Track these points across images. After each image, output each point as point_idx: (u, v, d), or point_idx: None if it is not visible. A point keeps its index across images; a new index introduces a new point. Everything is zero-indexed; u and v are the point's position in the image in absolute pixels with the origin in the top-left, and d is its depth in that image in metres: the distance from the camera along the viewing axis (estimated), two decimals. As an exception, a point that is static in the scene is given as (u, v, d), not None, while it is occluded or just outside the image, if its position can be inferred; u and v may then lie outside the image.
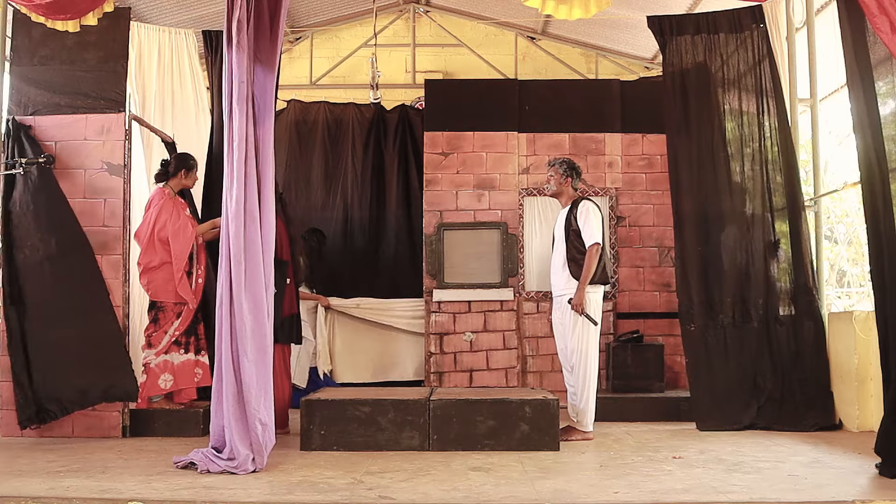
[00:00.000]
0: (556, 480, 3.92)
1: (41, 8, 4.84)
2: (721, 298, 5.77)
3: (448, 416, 4.78)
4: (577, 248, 5.24)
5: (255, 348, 4.20)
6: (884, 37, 3.83)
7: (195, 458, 4.15)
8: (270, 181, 4.39)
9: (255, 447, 4.12)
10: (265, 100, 4.42)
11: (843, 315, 5.72)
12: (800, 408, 5.59)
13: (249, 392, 4.16)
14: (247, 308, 4.19)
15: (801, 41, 6.15)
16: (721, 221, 5.90)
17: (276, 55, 4.49)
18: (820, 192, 6.07)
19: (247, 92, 4.32)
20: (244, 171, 4.26)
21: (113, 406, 5.26)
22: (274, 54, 4.48)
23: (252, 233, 4.25)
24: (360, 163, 7.70)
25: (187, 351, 5.51)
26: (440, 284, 6.93)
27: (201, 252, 5.67)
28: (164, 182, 5.69)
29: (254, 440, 4.12)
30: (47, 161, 5.21)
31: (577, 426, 5.18)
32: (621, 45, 8.71)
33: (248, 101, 4.32)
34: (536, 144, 7.14)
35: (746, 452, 4.65)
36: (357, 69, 8.76)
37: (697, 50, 6.10)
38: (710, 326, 5.76)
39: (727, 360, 5.71)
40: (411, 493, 3.63)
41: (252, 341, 4.19)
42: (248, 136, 4.29)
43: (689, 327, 5.80)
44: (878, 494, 3.51)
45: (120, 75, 5.49)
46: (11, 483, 3.80)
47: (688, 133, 6.02)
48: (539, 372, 6.92)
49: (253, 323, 4.21)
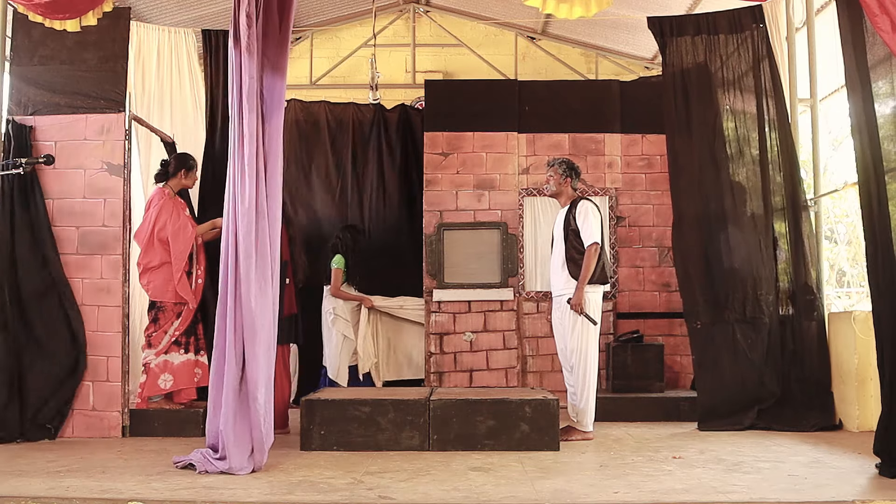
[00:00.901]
0: (556, 480, 3.92)
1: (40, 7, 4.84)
2: (726, 296, 5.77)
3: (448, 416, 4.78)
4: (576, 248, 5.24)
5: (263, 345, 4.20)
6: (885, 36, 3.83)
7: (194, 458, 4.14)
8: (278, 179, 4.39)
9: (255, 445, 4.12)
10: (273, 97, 4.41)
11: (843, 315, 5.72)
12: (800, 408, 5.59)
13: (257, 389, 4.15)
14: (256, 305, 4.19)
15: (801, 41, 6.15)
16: (721, 222, 5.90)
17: (284, 53, 4.48)
18: (820, 192, 6.07)
19: (257, 88, 4.32)
20: (255, 168, 4.26)
21: (113, 406, 5.26)
22: (283, 52, 4.47)
23: (262, 229, 4.26)
24: (361, 162, 7.69)
25: (187, 351, 5.51)
26: (440, 284, 6.93)
27: (201, 252, 5.67)
28: (164, 182, 5.69)
29: (255, 438, 4.12)
30: (47, 161, 5.20)
31: (577, 426, 5.17)
32: (621, 45, 8.71)
33: (257, 97, 4.33)
34: (536, 145, 7.14)
35: (746, 452, 4.65)
36: (357, 69, 8.76)
37: (697, 50, 6.10)
38: (717, 323, 5.76)
39: (735, 357, 5.71)
40: (411, 493, 3.63)
41: (260, 338, 4.19)
42: (257, 134, 4.29)
43: (696, 325, 5.81)
44: (878, 494, 3.51)
45: (120, 75, 5.49)
46: (11, 483, 3.80)
47: (688, 133, 6.02)
48: (539, 372, 6.92)
49: (262, 320, 4.21)
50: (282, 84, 4.46)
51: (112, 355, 5.30)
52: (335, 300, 6.82)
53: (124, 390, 5.30)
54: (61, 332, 5.25)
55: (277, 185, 4.37)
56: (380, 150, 7.71)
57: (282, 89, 4.47)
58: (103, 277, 5.35)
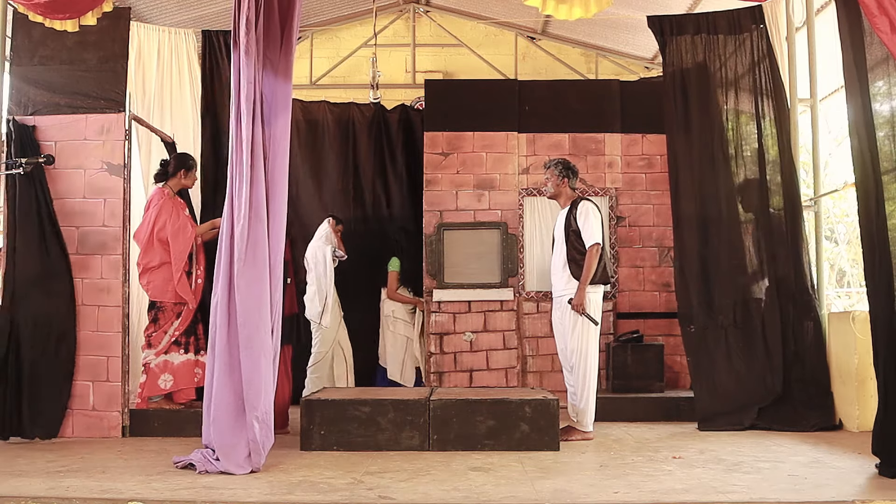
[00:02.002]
0: (556, 480, 3.92)
1: (40, 7, 4.84)
2: (720, 299, 5.77)
3: (448, 416, 4.78)
4: (577, 248, 5.24)
5: (257, 345, 4.19)
6: (883, 37, 3.83)
7: (194, 458, 4.15)
8: (283, 183, 4.38)
9: (252, 446, 4.11)
10: (276, 101, 4.40)
11: (842, 315, 5.72)
12: (800, 408, 5.59)
13: (250, 389, 4.15)
14: (248, 306, 4.18)
15: (801, 41, 6.14)
16: (721, 222, 5.89)
17: (288, 57, 4.46)
18: (820, 192, 6.07)
19: (256, 91, 4.31)
20: (252, 173, 4.25)
21: (113, 406, 5.26)
22: (286, 56, 4.45)
23: (258, 232, 4.25)
24: (361, 162, 7.70)
25: (187, 351, 5.52)
26: (440, 284, 6.93)
27: (201, 252, 5.67)
28: (164, 182, 5.69)
29: (251, 438, 4.12)
30: (47, 161, 5.21)
31: (577, 426, 5.17)
32: (621, 45, 8.71)
33: (257, 101, 4.31)
34: (536, 145, 7.14)
35: (746, 452, 4.65)
36: (357, 69, 8.76)
37: (697, 50, 6.11)
38: (709, 327, 5.76)
39: (729, 361, 5.70)
40: (411, 493, 3.63)
41: (253, 338, 4.18)
42: (254, 137, 4.28)
43: (689, 329, 5.81)
44: (878, 494, 3.51)
45: (120, 75, 5.49)
46: (11, 483, 3.80)
47: (688, 133, 6.02)
48: (539, 372, 6.91)
49: (258, 321, 4.20)
50: (286, 87, 4.44)
51: (112, 355, 5.30)
52: (393, 303, 6.87)
53: (124, 390, 5.30)
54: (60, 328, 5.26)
55: (282, 189, 4.36)
56: (380, 150, 7.72)
57: (286, 93, 4.45)
58: (103, 277, 5.35)
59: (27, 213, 5.24)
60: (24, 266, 5.21)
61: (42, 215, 5.27)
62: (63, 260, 5.29)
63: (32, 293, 5.21)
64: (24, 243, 5.23)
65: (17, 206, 5.24)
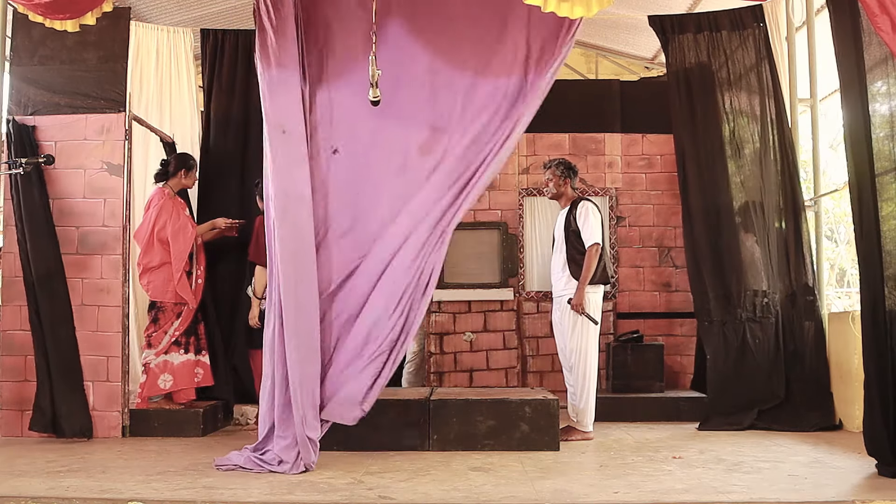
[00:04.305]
0: (556, 480, 3.92)
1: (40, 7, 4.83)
2: (738, 293, 5.80)
3: (448, 416, 4.78)
4: (577, 248, 5.24)
5: (304, 347, 4.21)
6: (885, 36, 3.82)
7: (238, 460, 4.17)
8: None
9: (301, 446, 4.11)
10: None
11: (842, 315, 5.72)
12: (800, 408, 5.59)
13: (295, 391, 4.16)
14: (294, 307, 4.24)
15: (801, 41, 6.15)
16: (721, 221, 5.90)
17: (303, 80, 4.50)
18: (820, 192, 6.07)
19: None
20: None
21: (113, 406, 5.26)
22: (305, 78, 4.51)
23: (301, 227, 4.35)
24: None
25: (187, 351, 5.52)
26: (440, 284, 6.91)
27: (201, 252, 5.67)
28: (164, 182, 5.69)
29: (300, 438, 4.11)
30: (47, 160, 5.20)
31: (577, 426, 5.17)
32: (621, 45, 8.71)
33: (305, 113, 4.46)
34: (536, 144, 7.13)
35: (746, 452, 4.65)
36: (357, 69, 8.74)
37: (700, 48, 6.13)
38: (728, 321, 5.78)
39: (743, 357, 5.72)
40: (411, 493, 3.63)
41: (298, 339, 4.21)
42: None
43: (706, 323, 5.82)
44: (878, 494, 3.51)
45: (120, 75, 5.49)
46: (11, 483, 3.80)
47: (693, 131, 6.06)
48: (539, 372, 6.92)
49: (307, 324, 4.22)
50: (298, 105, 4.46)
51: (112, 355, 5.29)
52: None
53: (124, 390, 5.29)
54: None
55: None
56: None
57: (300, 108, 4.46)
58: (103, 277, 5.34)
59: (31, 212, 5.25)
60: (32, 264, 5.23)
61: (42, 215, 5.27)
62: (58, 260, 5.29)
63: (32, 293, 5.22)
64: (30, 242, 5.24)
65: (21, 205, 5.24)
